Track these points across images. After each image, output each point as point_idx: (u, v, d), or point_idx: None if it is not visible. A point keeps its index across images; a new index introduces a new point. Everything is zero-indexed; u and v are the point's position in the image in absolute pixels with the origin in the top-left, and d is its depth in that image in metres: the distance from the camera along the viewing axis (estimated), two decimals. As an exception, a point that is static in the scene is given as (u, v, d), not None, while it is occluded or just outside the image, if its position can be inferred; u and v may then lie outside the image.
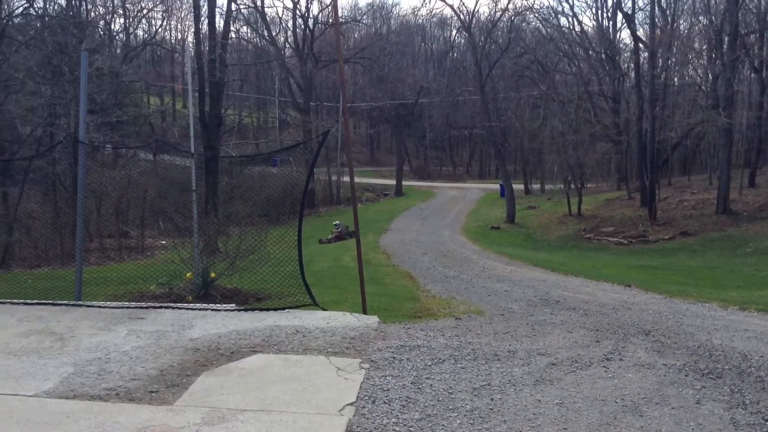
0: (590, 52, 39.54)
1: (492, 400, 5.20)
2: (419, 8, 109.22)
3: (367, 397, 5.14)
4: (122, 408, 4.99)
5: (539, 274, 16.63)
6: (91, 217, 29.19)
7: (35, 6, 27.68)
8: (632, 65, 34.33)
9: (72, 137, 13.91)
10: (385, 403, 5.03)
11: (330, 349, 6.29)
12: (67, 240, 25.20)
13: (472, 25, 36.41)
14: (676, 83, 46.13)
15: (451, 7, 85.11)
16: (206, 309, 8.16)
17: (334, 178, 49.81)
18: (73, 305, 8.41)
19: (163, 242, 27.18)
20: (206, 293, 9.86)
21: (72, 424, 4.66)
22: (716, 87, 29.71)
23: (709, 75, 33.14)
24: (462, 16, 37.27)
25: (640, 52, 33.18)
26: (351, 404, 4.98)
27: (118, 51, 47.40)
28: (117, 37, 50.56)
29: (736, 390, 5.90)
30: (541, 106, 42.67)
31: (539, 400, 5.23)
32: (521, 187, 48.46)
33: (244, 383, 5.54)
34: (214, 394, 5.30)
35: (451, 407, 5.03)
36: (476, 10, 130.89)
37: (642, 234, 26.74)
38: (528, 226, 32.32)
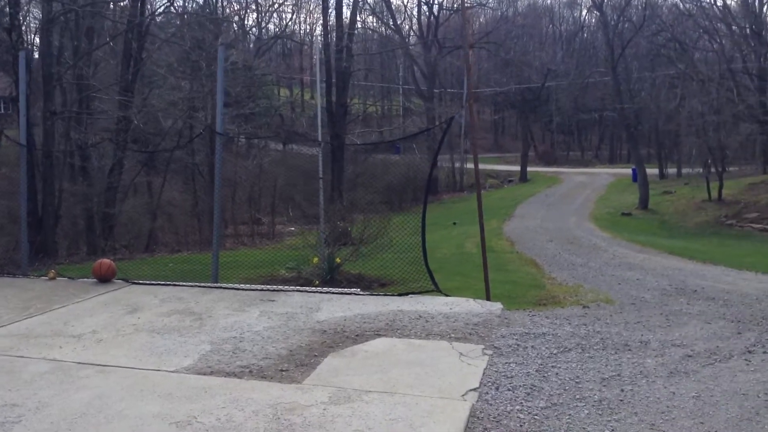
0: (733, 27, 36.75)
1: (622, 391, 4.98)
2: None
3: (490, 384, 5.08)
4: (255, 385, 5.23)
5: (674, 262, 15.76)
6: (227, 205, 30.83)
7: (175, 4, 29.36)
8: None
9: (210, 129, 14.67)
10: (509, 390, 4.96)
11: (453, 335, 6.26)
12: (205, 226, 26.72)
13: (604, 3, 34.82)
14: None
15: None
16: (332, 293, 8.36)
17: (457, 165, 49.52)
18: (211, 287, 8.88)
19: (292, 228, 28.23)
20: (332, 278, 10.13)
21: (209, 398, 4.94)
22: None
23: None
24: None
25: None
26: (474, 390, 4.95)
27: (251, 45, 49.39)
28: (250, 32, 52.66)
29: None
30: (678, 86, 40.19)
31: (673, 393, 4.95)
32: (656, 171, 46.07)
33: (368, 365, 5.64)
34: (340, 374, 5.44)
35: (578, 397, 4.87)
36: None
37: (792, 221, 24.69)
38: (663, 213, 30.71)
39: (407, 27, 58.68)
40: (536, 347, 5.87)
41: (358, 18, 46.13)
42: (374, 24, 60.08)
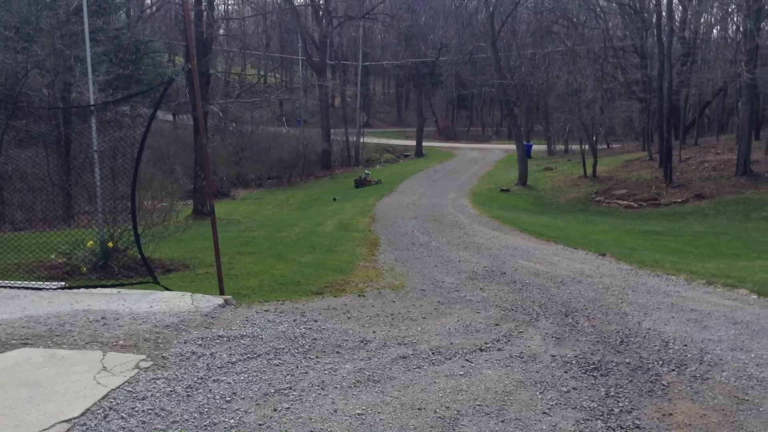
0: (614, 4, 37.33)
1: (275, 410, 4.21)
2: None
3: (101, 410, 4.13)
4: None
5: (519, 241, 15.50)
6: (83, 179, 28.91)
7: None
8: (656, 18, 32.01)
9: None
10: (122, 418, 4.03)
11: (122, 342, 5.30)
12: (60, 202, 24.93)
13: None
14: (715, 38, 43.49)
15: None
16: (28, 288, 7.18)
17: (353, 139, 48.61)
18: None
19: (163, 204, 26.71)
20: (105, 264, 9.12)
21: None
22: (745, 42, 27.50)
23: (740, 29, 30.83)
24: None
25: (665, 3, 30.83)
26: (68, 420, 3.97)
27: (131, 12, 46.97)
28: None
29: (612, 393, 4.89)
30: (566, 62, 40.66)
31: (336, 410, 4.25)
32: (545, 147, 46.70)
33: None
34: None
35: (208, 423, 4.02)
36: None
37: (654, 197, 25.19)
38: (540, 189, 30.92)
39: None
40: (216, 355, 5.04)
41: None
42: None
